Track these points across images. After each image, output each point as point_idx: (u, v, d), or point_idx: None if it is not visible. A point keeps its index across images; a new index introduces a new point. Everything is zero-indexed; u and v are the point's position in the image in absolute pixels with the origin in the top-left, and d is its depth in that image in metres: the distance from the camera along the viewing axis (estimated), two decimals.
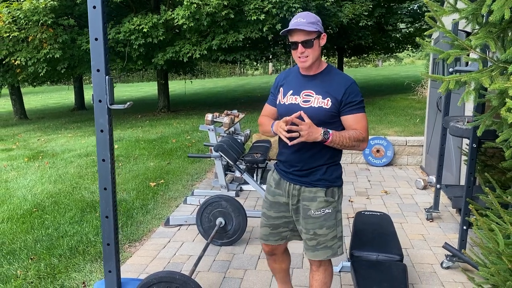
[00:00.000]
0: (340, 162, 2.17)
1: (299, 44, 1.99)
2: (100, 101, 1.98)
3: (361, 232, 2.67)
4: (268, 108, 2.27)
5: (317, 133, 1.91)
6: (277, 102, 2.17)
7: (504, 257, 2.00)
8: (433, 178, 4.90)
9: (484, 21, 2.15)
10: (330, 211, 2.11)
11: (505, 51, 1.97)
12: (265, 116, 2.25)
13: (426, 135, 5.93)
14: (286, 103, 2.11)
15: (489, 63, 2.13)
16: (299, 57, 2.02)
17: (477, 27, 2.27)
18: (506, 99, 1.60)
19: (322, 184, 2.11)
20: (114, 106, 2.00)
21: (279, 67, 38.73)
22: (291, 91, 2.12)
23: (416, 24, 15.48)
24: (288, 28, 1.99)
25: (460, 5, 2.35)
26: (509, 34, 2.03)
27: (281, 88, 2.16)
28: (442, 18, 2.27)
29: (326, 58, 27.24)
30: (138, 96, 21.85)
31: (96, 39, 1.91)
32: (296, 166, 2.12)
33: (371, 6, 11.91)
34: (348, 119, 2.04)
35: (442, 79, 2.09)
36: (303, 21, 1.97)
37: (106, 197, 2.10)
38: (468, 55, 2.31)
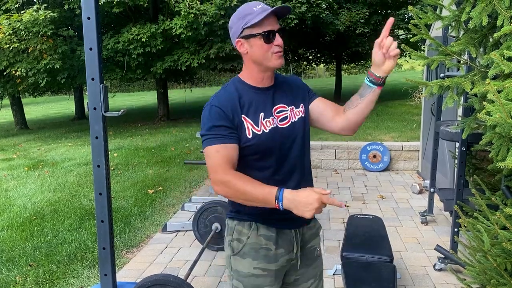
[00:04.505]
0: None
1: (277, 33, 1.46)
2: (95, 108, 2.06)
3: (353, 235, 2.72)
4: (228, 151, 1.45)
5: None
6: (249, 136, 1.49)
7: (489, 256, 2.05)
8: (428, 183, 4.94)
9: (466, 27, 2.23)
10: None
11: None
12: (240, 175, 1.44)
13: (422, 140, 5.99)
14: (266, 131, 1.51)
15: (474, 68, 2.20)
16: (276, 53, 1.47)
17: (462, 33, 2.35)
18: (484, 102, 1.66)
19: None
20: (109, 114, 2.08)
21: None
22: (261, 114, 1.52)
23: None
24: (273, 9, 1.44)
25: (445, 12, 2.43)
26: (490, 39, 2.10)
27: (244, 116, 1.50)
28: (435, 25, 2.34)
29: (325, 66, 27.20)
30: (138, 105, 21.94)
31: (90, 49, 1.99)
32: None
33: (368, 13, 12.02)
34: (319, 101, 1.65)
35: (426, 84, 2.15)
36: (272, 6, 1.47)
37: (102, 202, 2.16)
38: (459, 61, 2.39)
